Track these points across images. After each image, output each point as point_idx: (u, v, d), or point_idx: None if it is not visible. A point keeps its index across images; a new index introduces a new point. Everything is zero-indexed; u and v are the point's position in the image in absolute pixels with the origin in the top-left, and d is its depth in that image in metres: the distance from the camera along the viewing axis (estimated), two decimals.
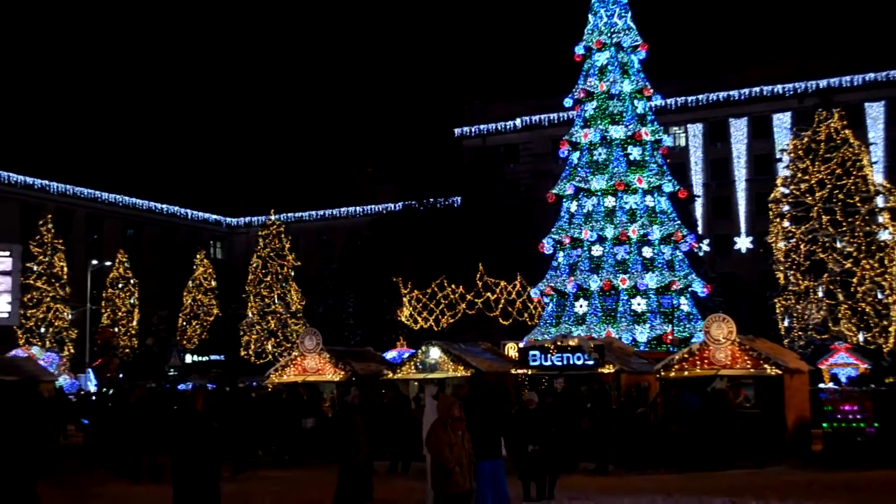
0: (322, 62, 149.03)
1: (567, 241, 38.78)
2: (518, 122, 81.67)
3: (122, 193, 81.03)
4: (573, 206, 39.20)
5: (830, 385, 32.77)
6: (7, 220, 71.16)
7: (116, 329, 66.23)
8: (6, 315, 49.23)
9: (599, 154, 38.53)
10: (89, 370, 54.50)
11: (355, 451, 17.11)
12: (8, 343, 55.14)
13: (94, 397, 37.00)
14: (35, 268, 59.60)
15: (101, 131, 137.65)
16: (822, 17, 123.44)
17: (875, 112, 72.21)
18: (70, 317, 60.75)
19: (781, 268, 44.89)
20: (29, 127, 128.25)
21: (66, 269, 61.64)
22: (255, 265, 65.64)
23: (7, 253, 49.84)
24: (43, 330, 59.20)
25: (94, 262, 67.07)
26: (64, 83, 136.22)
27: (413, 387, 28.18)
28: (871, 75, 71.89)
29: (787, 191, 45.24)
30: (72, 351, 59.27)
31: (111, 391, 40.01)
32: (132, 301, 68.54)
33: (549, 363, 26.76)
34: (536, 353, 27.51)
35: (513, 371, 28.26)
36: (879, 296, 42.89)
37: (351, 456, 17.09)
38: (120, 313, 67.55)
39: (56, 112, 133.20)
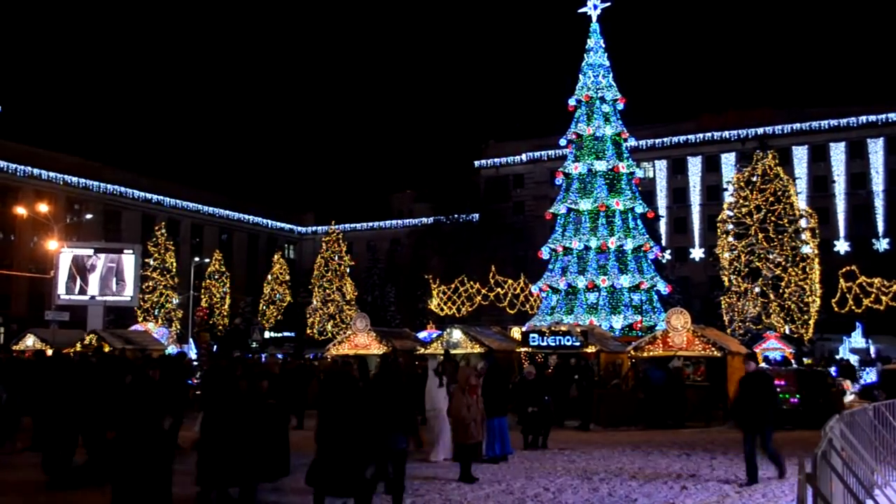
0: (375, 113, 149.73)
1: (560, 249, 38.64)
2: (524, 156, 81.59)
3: (219, 207, 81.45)
4: (565, 222, 39.11)
5: (763, 365, 32.58)
6: (131, 226, 71.76)
7: (211, 311, 66.56)
8: (129, 298, 49.67)
9: (586, 182, 38.43)
10: (191, 340, 54.76)
11: None
12: (130, 319, 55.52)
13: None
14: (151, 263, 59.93)
15: (204, 161, 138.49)
16: (763, 75, 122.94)
17: (800, 154, 71.91)
18: (177, 301, 61.05)
19: (726, 273, 44.75)
20: (148, 159, 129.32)
21: (174, 264, 61.94)
22: (319, 264, 65.85)
23: (131, 251, 50.33)
24: (156, 311, 59.51)
25: (196, 259, 67.38)
26: (170, 120, 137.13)
27: (439, 360, 28.16)
28: (798, 125, 71.64)
29: (731, 213, 45.13)
30: (178, 327, 59.53)
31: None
32: (225, 290, 68.79)
33: (545, 343, 26.74)
34: (535, 335, 27.49)
35: (517, 349, 28.23)
36: (802, 295, 42.72)
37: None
38: (215, 299, 67.80)
39: (169, 146, 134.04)
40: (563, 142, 40.49)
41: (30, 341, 36.45)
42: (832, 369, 33.04)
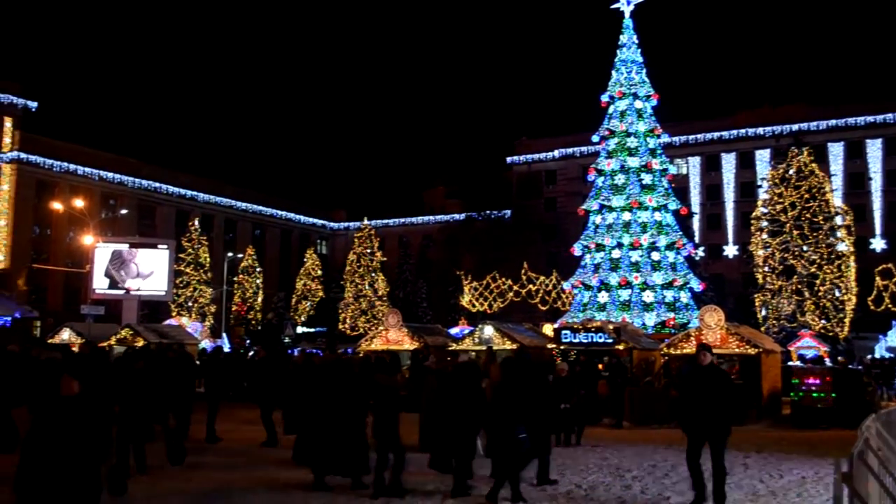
0: (408, 109, 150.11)
1: (593, 246, 38.57)
2: (556, 153, 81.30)
3: (252, 203, 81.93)
4: (598, 219, 38.99)
5: (798, 363, 32.30)
6: (165, 222, 72.42)
7: (246, 306, 67.01)
8: (163, 292, 50.19)
9: (619, 179, 38.28)
10: (224, 335, 55.16)
11: (431, 402, 17.10)
12: (164, 314, 56.05)
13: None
14: (185, 258, 60.39)
15: (237, 158, 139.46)
16: (797, 72, 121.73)
17: (836, 150, 71.09)
18: (210, 296, 61.50)
19: (760, 270, 44.40)
20: (183, 155, 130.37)
21: (208, 259, 62.38)
22: (351, 259, 66.12)
23: (165, 246, 50.89)
24: (190, 305, 59.98)
25: (230, 254, 67.87)
26: (205, 117, 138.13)
27: (471, 355, 28.12)
28: (833, 122, 70.81)
29: (765, 210, 44.75)
30: (211, 321, 59.98)
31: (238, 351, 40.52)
32: (257, 284, 69.19)
33: (577, 340, 26.68)
34: (567, 332, 27.42)
35: (548, 346, 28.18)
36: (837, 294, 42.31)
37: (428, 405, 17.09)
38: (248, 294, 68.24)
39: (203, 143, 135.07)
40: (595, 138, 40.38)
41: (65, 335, 36.80)
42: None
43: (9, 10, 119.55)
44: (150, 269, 48.69)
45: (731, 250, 73.15)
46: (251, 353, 34.96)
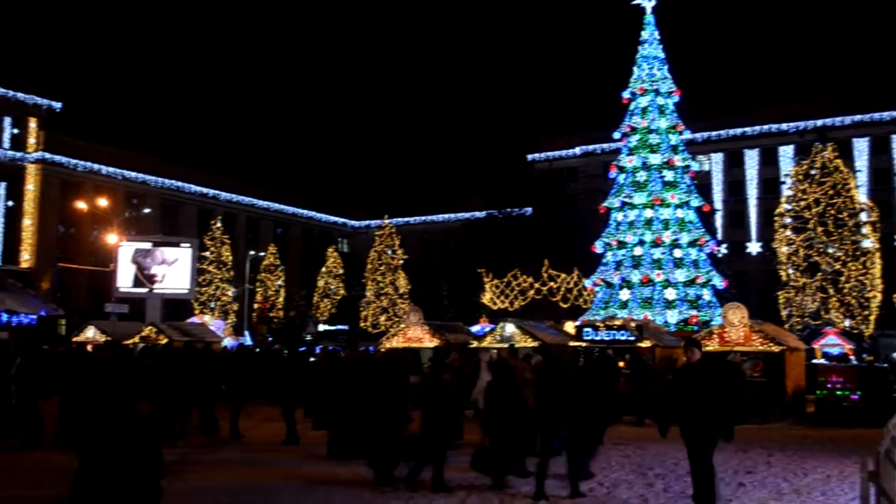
0: (431, 109, 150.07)
1: (614, 243, 38.37)
2: (577, 150, 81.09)
3: (274, 201, 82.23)
4: (620, 217, 38.78)
5: (822, 361, 32.05)
6: (187, 221, 72.76)
7: (268, 304, 67.16)
8: (186, 290, 50.54)
9: (641, 176, 38.06)
10: (247, 333, 55.35)
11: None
12: (187, 312, 56.30)
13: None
14: (208, 256, 60.60)
15: (260, 157, 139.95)
16: (821, 66, 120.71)
17: (861, 146, 70.48)
18: (233, 294, 61.69)
19: (784, 267, 44.04)
20: (205, 154, 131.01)
21: (230, 257, 62.53)
22: (372, 257, 66.06)
23: (188, 245, 51.27)
24: (213, 304, 60.19)
25: (252, 252, 68.07)
26: (227, 116, 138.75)
27: (493, 354, 28.06)
28: (859, 116, 70.16)
29: (789, 207, 44.38)
30: (234, 319, 60.16)
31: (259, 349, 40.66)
32: (279, 283, 69.35)
33: (599, 338, 26.60)
34: (589, 329, 27.35)
35: (570, 343, 28.08)
36: (862, 291, 41.94)
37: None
38: (270, 292, 68.39)
39: (225, 142, 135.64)
40: (617, 135, 40.17)
41: (90, 333, 37.08)
42: None
43: (32, 12, 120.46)
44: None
45: (754, 247, 72.69)
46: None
